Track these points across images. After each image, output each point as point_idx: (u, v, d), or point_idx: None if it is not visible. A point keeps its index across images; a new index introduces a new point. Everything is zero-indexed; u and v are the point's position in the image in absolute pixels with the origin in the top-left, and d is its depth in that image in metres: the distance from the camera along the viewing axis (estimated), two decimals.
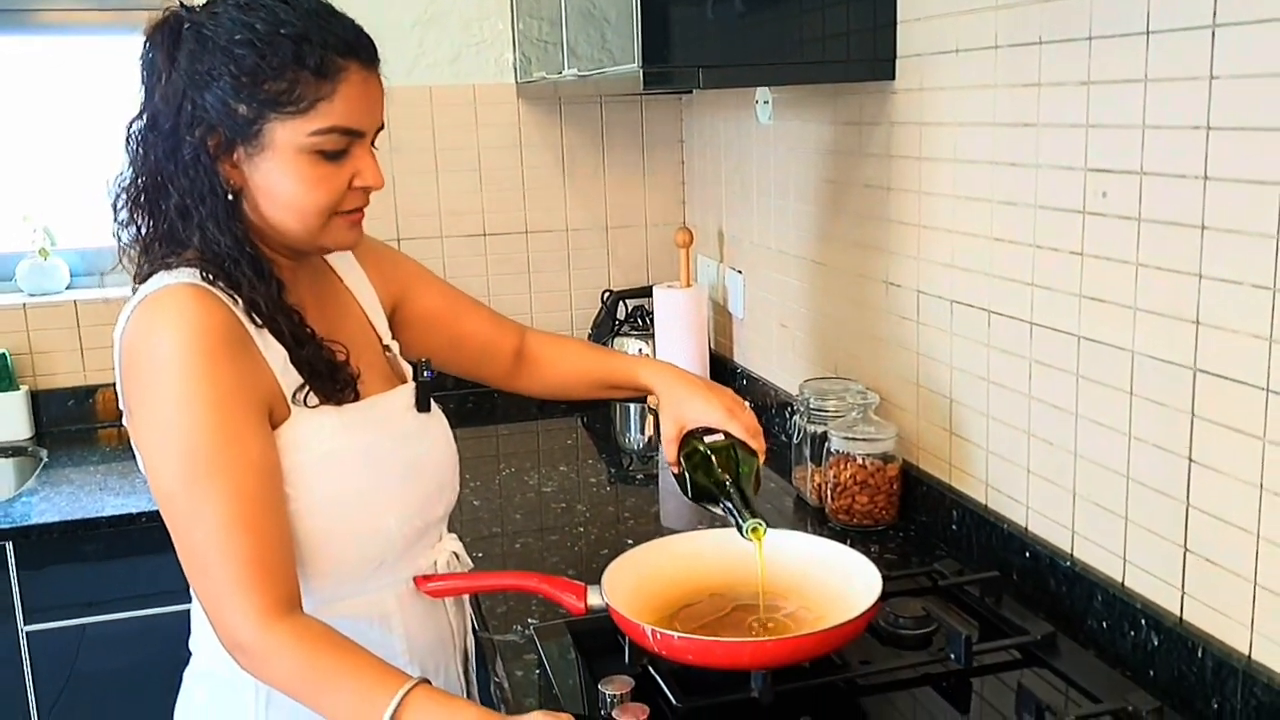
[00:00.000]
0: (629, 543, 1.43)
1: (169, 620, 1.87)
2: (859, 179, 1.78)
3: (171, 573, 1.11)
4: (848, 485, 1.67)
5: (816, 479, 1.76)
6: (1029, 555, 1.42)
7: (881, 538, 1.66)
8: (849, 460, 1.67)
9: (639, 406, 2.25)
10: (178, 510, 1.05)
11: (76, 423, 2.43)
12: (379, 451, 1.19)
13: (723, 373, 2.43)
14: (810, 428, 1.76)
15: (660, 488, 2.02)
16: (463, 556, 1.34)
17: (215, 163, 1.09)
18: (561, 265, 2.65)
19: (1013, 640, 1.29)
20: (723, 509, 1.25)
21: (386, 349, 1.30)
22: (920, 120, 1.59)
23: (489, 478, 2.06)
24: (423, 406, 1.27)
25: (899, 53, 1.61)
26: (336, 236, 1.16)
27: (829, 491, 1.70)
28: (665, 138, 2.65)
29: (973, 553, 1.54)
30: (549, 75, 2.20)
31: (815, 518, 1.76)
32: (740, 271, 2.35)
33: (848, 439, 1.67)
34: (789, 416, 1.90)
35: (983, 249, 1.47)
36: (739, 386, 2.37)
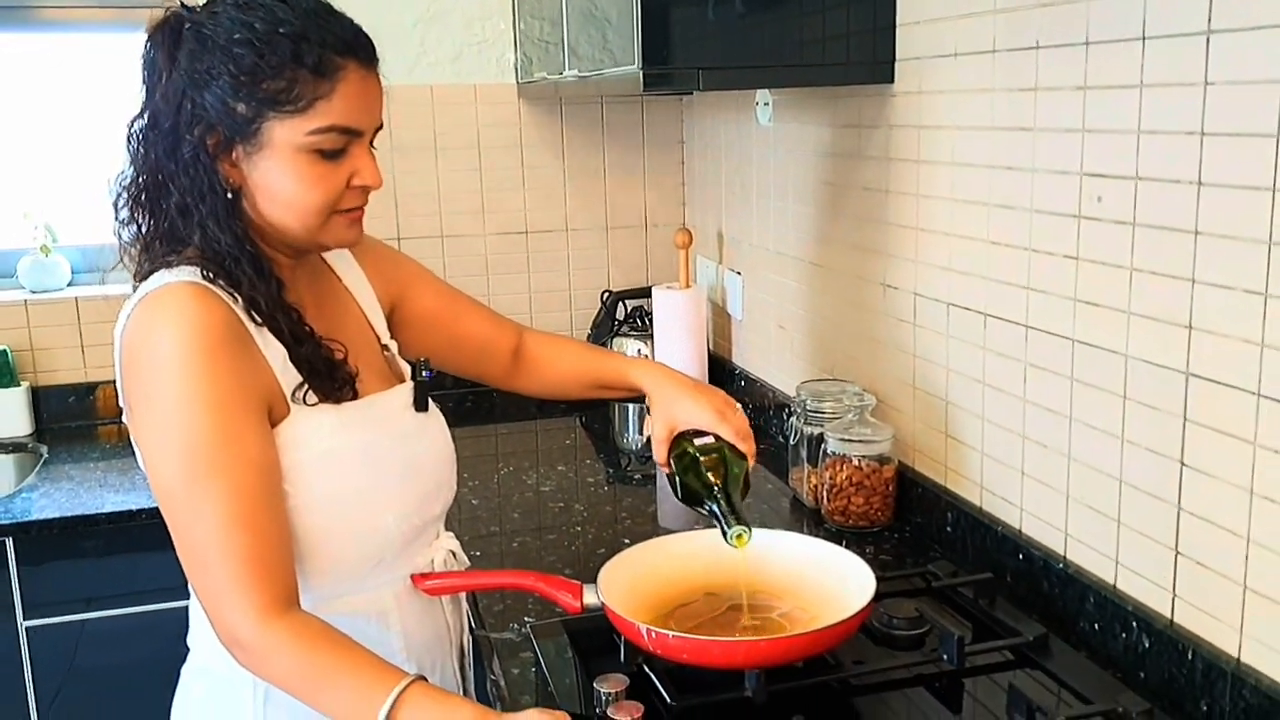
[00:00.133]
0: (626, 542, 1.44)
1: (168, 616, 1.88)
2: (858, 181, 1.79)
3: (171, 569, 1.11)
4: (843, 486, 1.68)
5: (813, 480, 1.77)
6: (1022, 557, 1.43)
7: (877, 539, 1.67)
8: (845, 462, 1.68)
9: (637, 407, 2.25)
10: (177, 507, 1.06)
11: (77, 419, 2.44)
12: (377, 450, 1.19)
13: (721, 374, 2.44)
14: (807, 429, 1.77)
15: (657, 488, 2.02)
16: (460, 555, 1.34)
17: (215, 161, 1.10)
18: (561, 265, 2.65)
19: (1005, 641, 1.30)
20: (709, 512, 1.26)
21: (385, 348, 1.31)
22: (919, 123, 1.59)
23: (487, 477, 2.06)
24: (421, 406, 1.27)
25: (898, 56, 1.62)
26: (336, 234, 1.17)
27: (825, 493, 1.71)
28: (665, 138, 2.66)
29: (967, 554, 1.55)
30: (550, 75, 2.21)
31: (811, 519, 1.77)
32: (739, 273, 2.36)
33: (844, 440, 1.68)
34: (786, 418, 1.91)
35: (979, 252, 1.47)
36: (737, 387, 2.38)
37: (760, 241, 2.23)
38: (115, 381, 1.13)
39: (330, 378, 1.17)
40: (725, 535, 1.22)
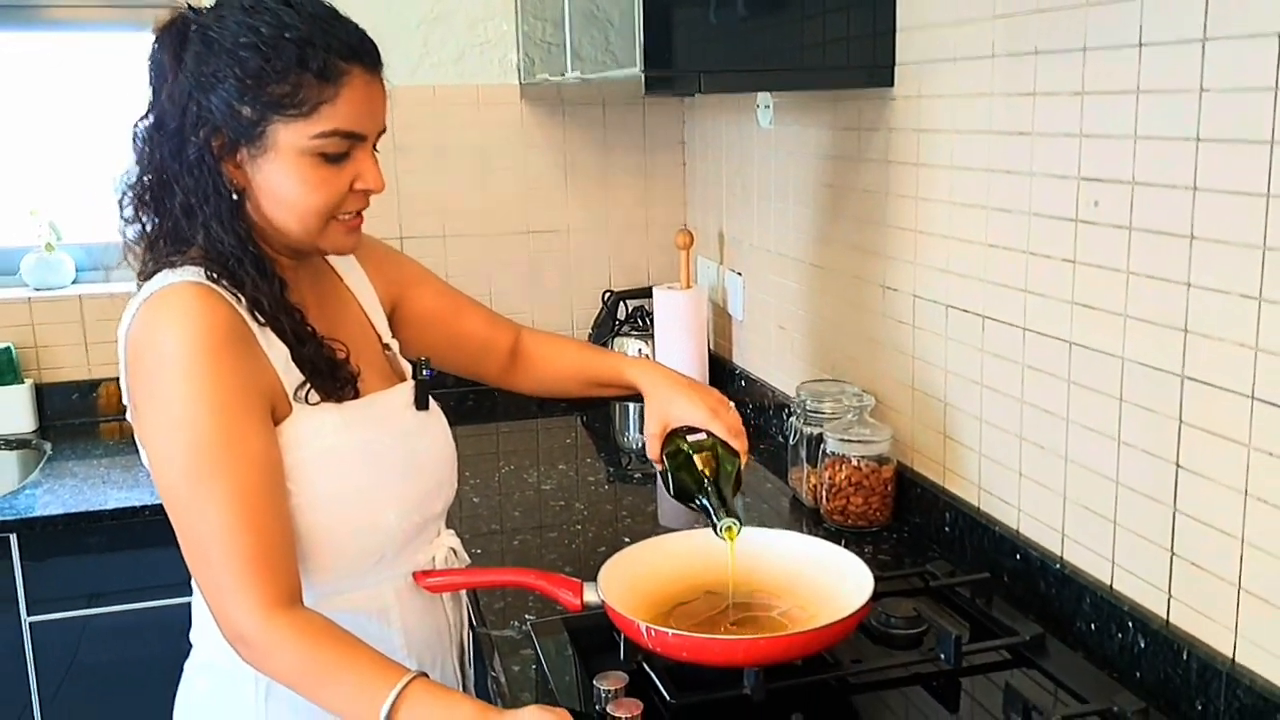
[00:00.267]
0: (626, 541, 1.45)
1: (171, 612, 1.90)
2: (857, 184, 1.80)
3: (173, 566, 1.12)
4: (843, 486, 1.69)
5: (812, 480, 1.78)
6: (1020, 557, 1.44)
7: (875, 538, 1.68)
8: (844, 462, 1.68)
9: (638, 407, 2.25)
10: (182, 505, 1.07)
11: (80, 416, 2.45)
12: (378, 448, 1.20)
13: (721, 374, 2.44)
14: (806, 429, 1.78)
15: (658, 487, 2.03)
16: (460, 552, 1.35)
17: (219, 163, 1.11)
18: (563, 265, 2.66)
19: (1002, 641, 1.31)
20: (700, 507, 1.27)
21: (386, 347, 1.32)
22: (918, 127, 1.60)
23: (488, 475, 2.07)
24: (422, 404, 1.29)
25: (898, 60, 1.63)
26: (334, 241, 1.18)
27: (824, 492, 1.72)
28: (667, 140, 2.66)
29: (965, 554, 1.56)
30: (552, 77, 2.22)
31: (810, 518, 1.78)
32: (740, 273, 2.37)
33: (843, 441, 1.69)
34: (786, 418, 1.92)
35: (978, 255, 1.48)
36: (737, 387, 2.39)
37: (761, 242, 2.24)
38: (119, 379, 1.14)
39: (332, 377, 1.18)
40: (715, 528, 1.23)
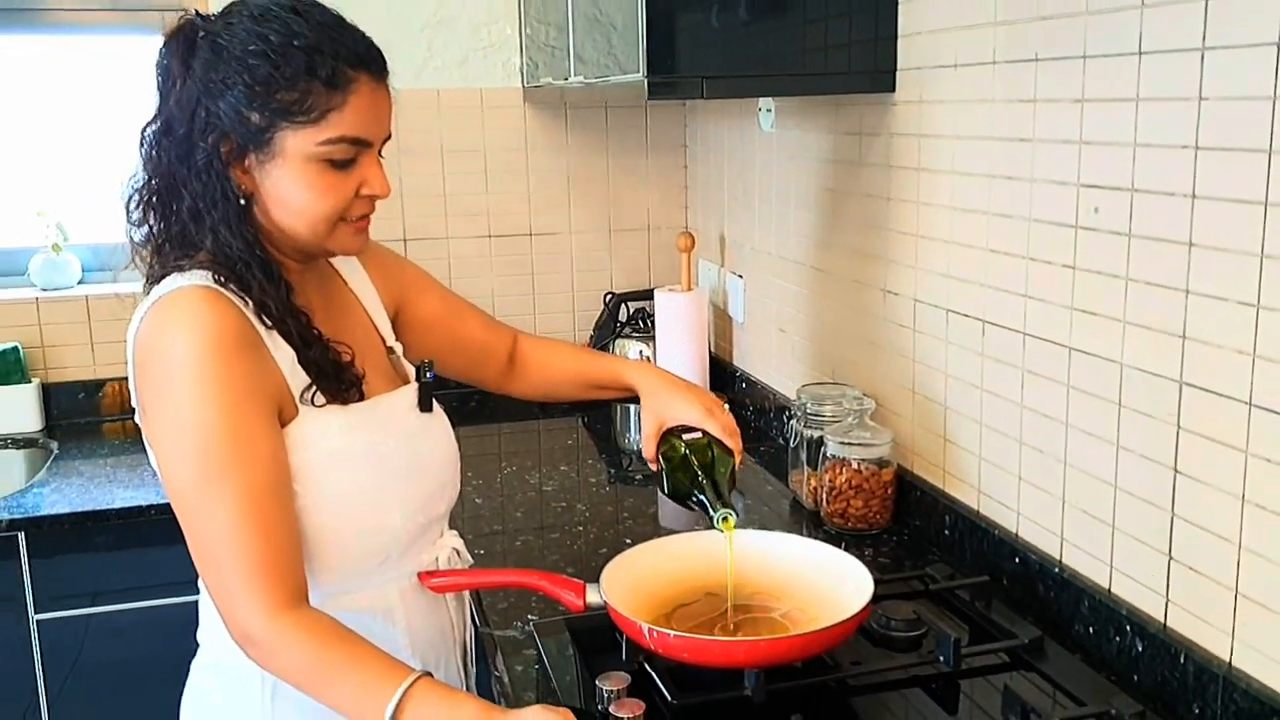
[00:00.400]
0: (628, 542, 1.46)
1: (176, 611, 1.91)
2: (859, 188, 1.81)
3: (179, 565, 1.13)
4: (843, 489, 1.70)
5: (812, 483, 1.79)
6: (1019, 561, 1.45)
7: (875, 541, 1.69)
8: (844, 465, 1.69)
9: (639, 408, 2.26)
10: (190, 507, 1.08)
11: (86, 415, 2.46)
12: (383, 450, 1.21)
13: (722, 376, 2.46)
14: (807, 432, 1.79)
15: (659, 489, 2.04)
16: (463, 553, 1.36)
17: (227, 168, 1.11)
18: (565, 267, 2.67)
19: (1001, 644, 1.31)
20: (695, 502, 1.28)
21: (390, 350, 1.33)
22: (919, 132, 1.61)
23: (491, 476, 2.08)
24: (425, 406, 1.30)
25: (899, 65, 1.64)
26: (342, 243, 1.19)
27: (824, 495, 1.73)
28: (669, 143, 2.67)
29: (964, 557, 1.57)
30: (555, 81, 2.23)
31: (811, 521, 1.79)
32: (741, 276, 2.38)
33: (844, 444, 1.70)
34: (786, 420, 1.93)
35: (978, 260, 1.49)
36: (738, 389, 2.40)
37: (762, 245, 2.25)
38: (125, 379, 1.15)
39: (338, 379, 1.19)
40: (712, 520, 1.24)
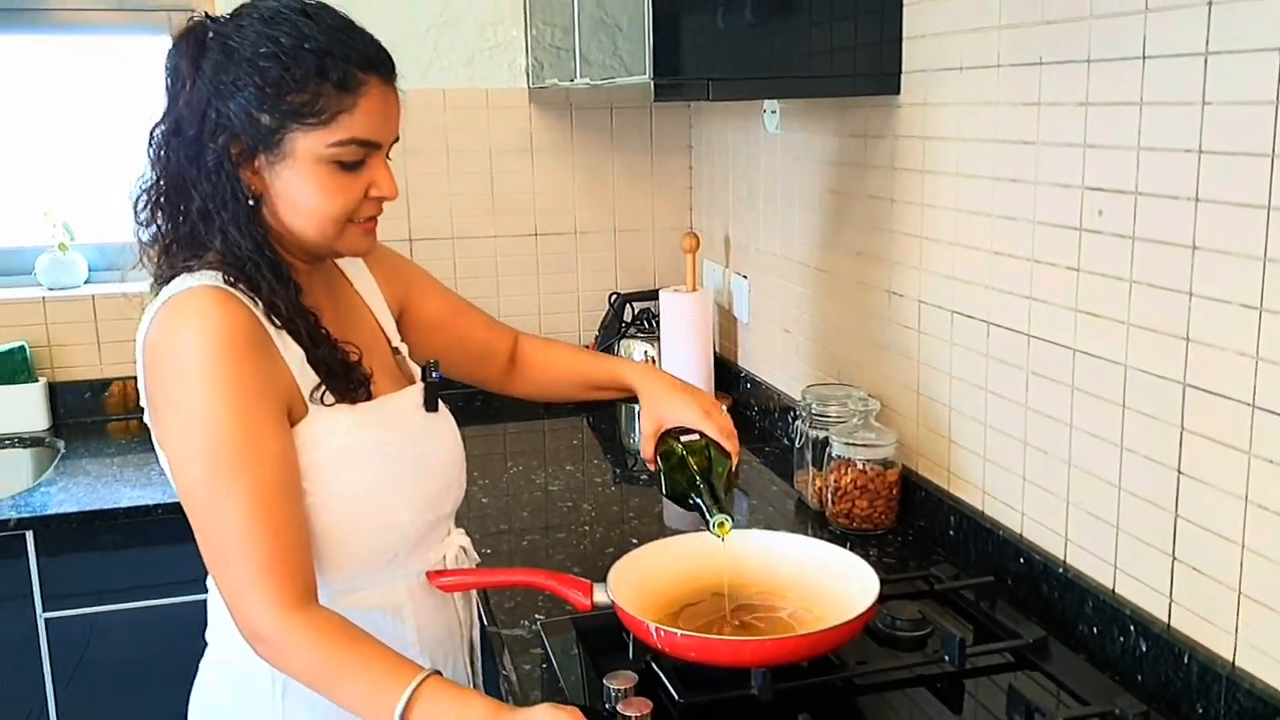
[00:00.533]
0: (633, 542, 1.47)
1: (183, 609, 1.92)
2: (863, 189, 1.82)
3: (186, 564, 1.14)
4: (848, 490, 1.71)
5: (818, 483, 1.79)
6: (1023, 561, 1.46)
7: (880, 542, 1.69)
8: (849, 465, 1.70)
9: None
10: (200, 506, 1.09)
11: (92, 415, 2.47)
12: (391, 449, 1.22)
13: (727, 376, 2.46)
14: (812, 433, 1.79)
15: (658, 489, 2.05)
16: (470, 551, 1.37)
17: (237, 169, 1.12)
18: (570, 267, 2.68)
19: (1005, 644, 1.32)
20: (693, 505, 1.29)
21: (395, 351, 1.34)
22: (924, 134, 1.62)
23: (497, 476, 2.09)
24: (431, 406, 1.31)
25: (904, 68, 1.65)
26: (350, 243, 1.20)
27: (830, 495, 1.74)
28: (674, 144, 2.68)
29: (969, 558, 1.58)
30: (561, 82, 2.23)
31: (816, 521, 1.80)
32: (745, 277, 2.38)
33: (849, 444, 1.71)
34: (791, 421, 1.94)
35: (983, 262, 1.50)
36: (743, 390, 2.41)
37: (766, 246, 2.26)
38: (131, 378, 1.16)
39: (346, 379, 1.20)
40: (708, 524, 1.25)
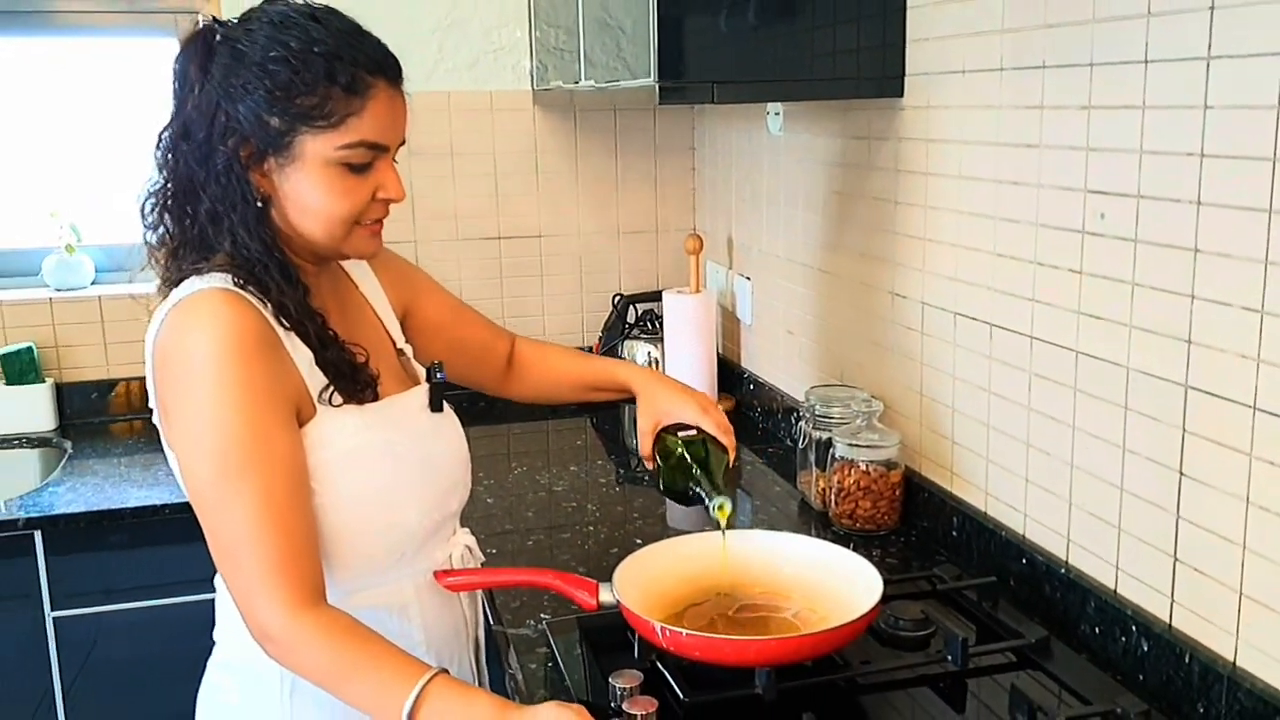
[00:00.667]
0: (638, 542, 1.47)
1: (190, 609, 1.93)
2: (866, 191, 1.82)
3: (193, 563, 1.14)
4: (851, 491, 1.71)
5: (821, 484, 1.80)
6: (1026, 561, 1.46)
7: (883, 542, 1.70)
8: (853, 466, 1.71)
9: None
10: (210, 506, 1.10)
11: (99, 415, 2.48)
12: (398, 449, 1.23)
13: (730, 377, 2.47)
14: (815, 434, 1.80)
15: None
16: (475, 550, 1.38)
17: (247, 172, 1.13)
18: (574, 269, 2.69)
19: (1008, 643, 1.33)
20: (692, 493, 1.31)
21: (400, 352, 1.35)
22: (927, 137, 1.63)
23: (502, 476, 2.10)
24: (436, 406, 1.32)
25: (907, 71, 1.65)
26: (357, 246, 1.21)
27: (833, 496, 1.74)
28: (677, 145, 2.69)
29: (972, 558, 1.58)
30: (565, 84, 2.24)
31: (819, 522, 1.80)
32: (749, 278, 2.39)
33: (852, 445, 1.71)
34: (795, 422, 1.94)
35: (986, 264, 1.51)
36: (746, 391, 2.42)
37: (770, 248, 2.26)
38: (138, 378, 1.17)
39: (354, 380, 1.21)
40: (709, 509, 1.27)
